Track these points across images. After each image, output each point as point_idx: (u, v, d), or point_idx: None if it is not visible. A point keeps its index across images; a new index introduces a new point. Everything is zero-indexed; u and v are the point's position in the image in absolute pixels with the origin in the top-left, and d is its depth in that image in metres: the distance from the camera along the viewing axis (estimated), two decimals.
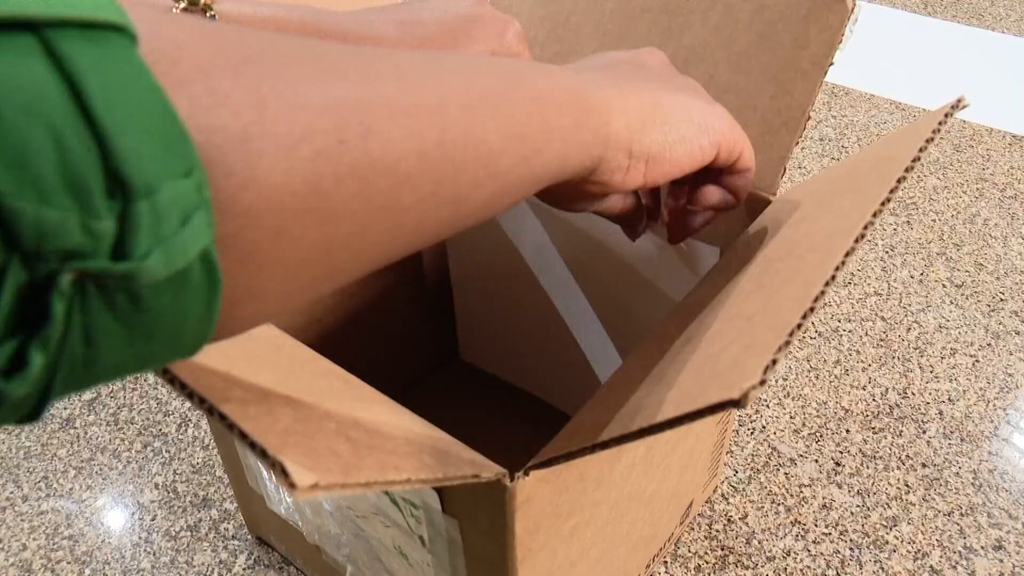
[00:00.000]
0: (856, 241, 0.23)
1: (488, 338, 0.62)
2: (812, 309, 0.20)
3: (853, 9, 0.41)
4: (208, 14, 0.33)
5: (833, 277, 0.22)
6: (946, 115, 0.28)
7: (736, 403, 0.18)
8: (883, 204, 0.25)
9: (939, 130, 0.28)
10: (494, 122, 0.24)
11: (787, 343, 0.19)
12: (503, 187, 0.25)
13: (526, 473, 0.29)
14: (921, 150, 0.26)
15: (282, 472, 0.19)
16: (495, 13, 0.38)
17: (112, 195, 0.14)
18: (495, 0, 0.53)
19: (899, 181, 0.25)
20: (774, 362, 0.18)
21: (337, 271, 0.21)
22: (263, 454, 0.20)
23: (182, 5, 0.32)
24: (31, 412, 0.16)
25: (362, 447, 0.24)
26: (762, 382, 0.18)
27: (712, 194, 0.36)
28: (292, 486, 0.19)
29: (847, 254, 0.23)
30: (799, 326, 0.20)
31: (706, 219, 0.38)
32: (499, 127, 0.24)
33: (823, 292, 0.21)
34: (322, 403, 0.26)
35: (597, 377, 0.55)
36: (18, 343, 0.14)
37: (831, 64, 0.41)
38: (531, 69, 0.27)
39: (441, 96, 0.22)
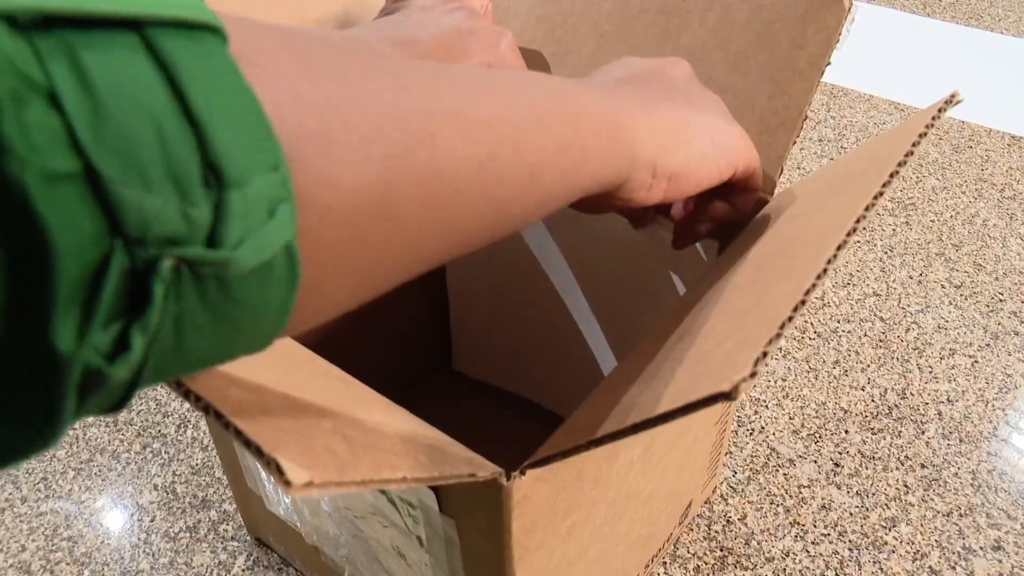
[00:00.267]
0: (848, 234, 0.24)
1: (486, 346, 0.62)
2: (803, 302, 0.20)
3: (850, 9, 0.41)
4: None
5: (825, 270, 0.22)
6: (940, 110, 0.28)
7: (727, 396, 0.18)
8: (876, 197, 0.25)
9: (932, 125, 0.28)
10: (540, 136, 0.25)
11: (778, 335, 0.19)
12: (544, 199, 0.26)
13: (523, 472, 0.29)
14: (914, 145, 0.27)
15: (277, 469, 0.19)
16: (488, 25, 0.39)
17: (208, 184, 0.15)
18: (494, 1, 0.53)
19: (892, 175, 0.25)
20: (764, 355, 0.18)
21: (391, 272, 0.22)
22: (258, 451, 0.20)
23: None
24: (119, 401, 0.16)
25: (358, 446, 0.24)
26: (753, 375, 0.18)
27: (719, 209, 0.38)
28: (287, 483, 0.19)
29: (839, 247, 0.23)
30: (790, 319, 0.20)
31: (710, 228, 0.39)
32: (544, 142, 0.25)
33: (814, 285, 0.22)
34: (319, 402, 0.26)
35: (603, 376, 0.55)
36: (121, 326, 0.15)
37: (828, 64, 0.41)
38: (569, 86, 0.28)
39: (494, 109, 0.23)
